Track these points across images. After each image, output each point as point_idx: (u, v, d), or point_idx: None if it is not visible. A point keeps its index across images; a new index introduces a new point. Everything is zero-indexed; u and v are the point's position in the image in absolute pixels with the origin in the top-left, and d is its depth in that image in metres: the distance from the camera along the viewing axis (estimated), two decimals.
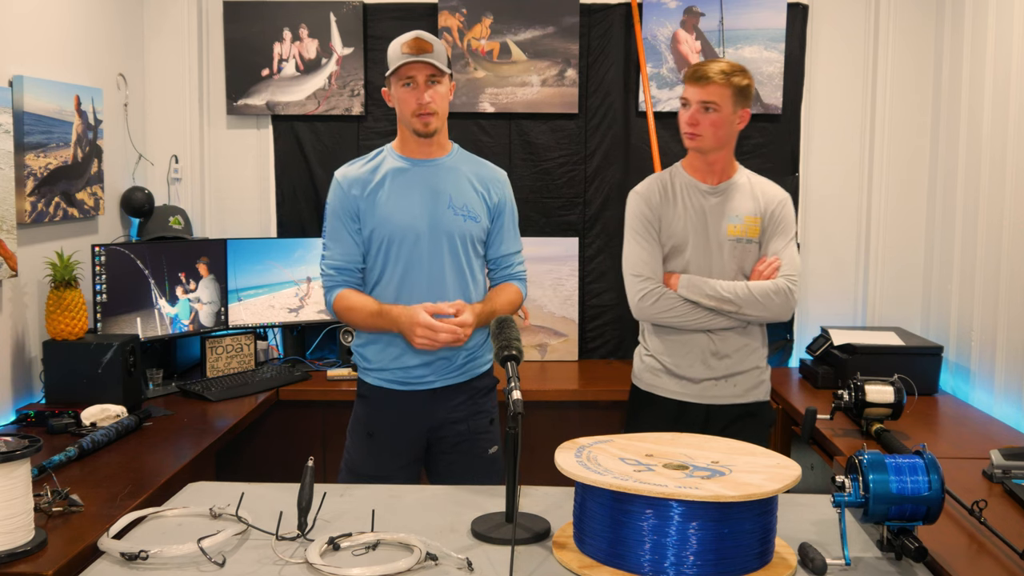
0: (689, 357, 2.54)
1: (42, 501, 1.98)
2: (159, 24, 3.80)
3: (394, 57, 2.33)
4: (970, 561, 1.78)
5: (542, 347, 3.83)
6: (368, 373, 2.45)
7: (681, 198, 2.56)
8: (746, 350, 2.56)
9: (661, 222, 2.56)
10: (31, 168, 2.87)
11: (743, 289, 2.49)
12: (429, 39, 2.32)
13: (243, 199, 3.90)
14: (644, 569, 1.55)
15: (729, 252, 2.53)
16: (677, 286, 2.51)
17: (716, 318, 2.51)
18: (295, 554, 1.67)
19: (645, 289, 2.53)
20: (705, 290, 2.49)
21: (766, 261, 2.54)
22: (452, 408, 2.43)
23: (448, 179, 2.41)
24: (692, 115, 2.49)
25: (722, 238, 2.54)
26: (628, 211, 2.63)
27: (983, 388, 3.16)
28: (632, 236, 2.59)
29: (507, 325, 1.94)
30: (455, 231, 2.38)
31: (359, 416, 2.48)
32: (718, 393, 2.56)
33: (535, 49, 3.76)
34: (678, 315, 2.51)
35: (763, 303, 2.49)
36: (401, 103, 2.35)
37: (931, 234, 3.72)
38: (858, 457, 1.69)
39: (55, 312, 2.87)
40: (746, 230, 2.54)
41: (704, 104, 2.47)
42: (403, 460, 2.43)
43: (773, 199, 2.58)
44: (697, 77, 2.47)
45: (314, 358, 3.81)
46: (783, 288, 2.50)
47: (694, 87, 2.48)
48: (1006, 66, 3.05)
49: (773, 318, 2.54)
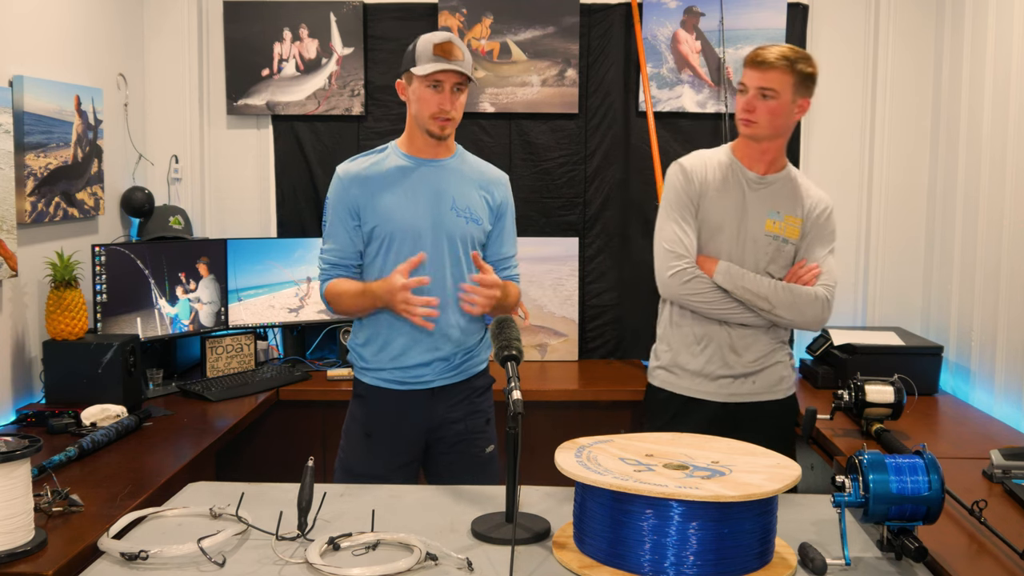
0: (706, 352, 2.47)
1: (42, 501, 1.97)
2: (159, 24, 3.80)
3: (424, 56, 2.28)
4: (970, 561, 1.78)
5: (542, 347, 3.83)
6: (366, 373, 2.44)
7: (725, 182, 2.46)
8: (763, 347, 2.48)
9: (701, 202, 2.45)
10: (31, 168, 2.87)
11: (783, 290, 2.40)
12: (461, 45, 2.31)
13: (243, 199, 3.90)
14: (644, 569, 1.55)
15: (763, 247, 2.44)
16: (714, 272, 2.41)
17: (744, 312, 2.42)
18: (295, 554, 1.67)
19: (678, 267, 2.41)
20: (743, 283, 2.39)
21: (806, 266, 2.45)
22: (450, 407, 2.43)
23: (452, 181, 2.40)
24: (749, 100, 2.38)
25: (758, 232, 2.44)
26: (668, 184, 2.50)
27: (983, 388, 3.16)
28: (669, 212, 2.47)
29: (507, 325, 1.94)
30: (456, 233, 2.37)
31: (356, 416, 2.47)
32: (735, 391, 2.49)
33: (535, 49, 3.76)
34: (707, 300, 2.41)
35: (800, 308, 2.40)
36: (422, 102, 2.32)
37: (931, 234, 3.72)
38: (858, 457, 1.69)
39: (55, 312, 2.87)
40: (784, 228, 2.45)
41: (762, 90, 2.36)
42: (401, 460, 2.42)
43: (819, 203, 2.49)
44: (758, 62, 2.36)
45: (314, 358, 3.81)
46: (822, 296, 2.41)
47: (753, 71, 2.36)
48: (1006, 66, 3.05)
49: (804, 326, 2.46)
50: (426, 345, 2.36)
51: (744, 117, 2.40)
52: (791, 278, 2.45)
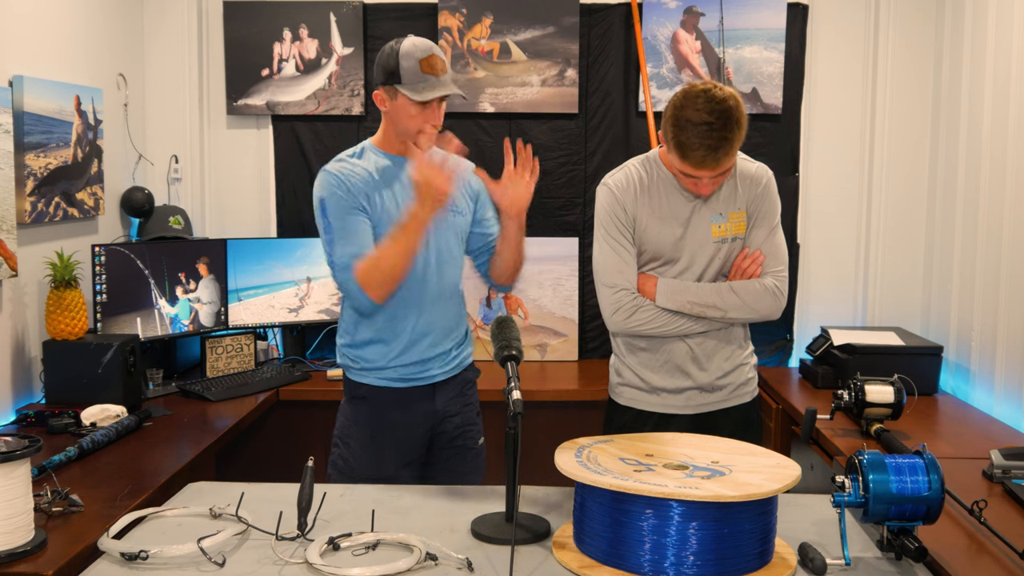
0: (667, 367, 2.34)
1: (42, 501, 1.98)
2: (159, 24, 3.80)
3: (411, 73, 2.24)
4: (970, 561, 1.78)
5: (542, 347, 3.83)
6: (367, 374, 2.41)
7: (659, 197, 2.29)
8: (725, 351, 2.35)
9: (636, 223, 2.30)
10: (31, 168, 2.87)
11: (727, 292, 2.27)
12: (440, 53, 2.28)
13: (243, 199, 3.90)
14: (644, 569, 1.55)
15: (713, 255, 2.30)
16: (655, 294, 2.28)
17: (698, 323, 2.29)
18: (295, 554, 1.67)
19: (620, 302, 2.29)
20: (686, 297, 2.27)
21: (747, 255, 2.31)
22: (448, 401, 2.43)
23: None
24: (706, 185, 2.21)
25: (706, 240, 2.29)
26: (599, 206, 2.34)
27: (983, 388, 3.16)
28: (603, 238, 2.32)
29: (507, 325, 1.93)
30: (450, 228, 2.38)
31: (357, 419, 2.42)
32: (703, 401, 2.36)
33: (535, 49, 3.76)
34: (657, 326, 2.29)
35: (750, 305, 2.27)
36: (407, 119, 2.29)
37: (931, 234, 3.72)
38: (858, 457, 1.69)
39: (55, 312, 2.87)
40: (730, 228, 2.30)
41: (718, 177, 2.20)
42: (407, 458, 2.41)
43: (755, 183, 2.31)
44: (709, 164, 2.13)
45: (314, 358, 3.81)
46: (770, 287, 2.28)
47: (705, 171, 2.15)
48: (1006, 66, 3.05)
49: (762, 319, 2.32)
50: (428, 341, 2.36)
51: (694, 191, 2.25)
52: (736, 274, 2.32)
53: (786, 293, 2.32)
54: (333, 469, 2.42)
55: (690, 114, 2.10)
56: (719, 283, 2.31)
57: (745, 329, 2.42)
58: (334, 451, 2.44)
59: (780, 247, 2.33)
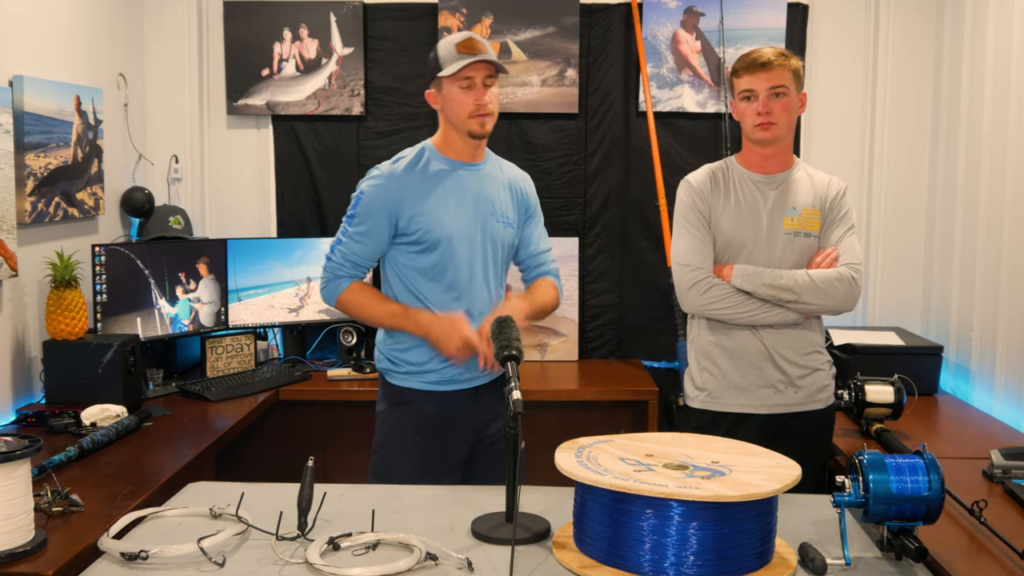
0: (742, 364, 2.39)
1: (42, 501, 1.98)
2: (159, 24, 3.80)
3: (448, 58, 2.25)
4: (970, 561, 1.78)
5: (542, 347, 3.83)
6: (411, 377, 2.38)
7: (735, 191, 2.42)
8: (801, 350, 2.40)
9: (712, 214, 2.41)
10: (31, 168, 2.87)
11: (803, 277, 2.32)
12: (482, 40, 2.29)
13: (243, 199, 3.90)
14: (644, 569, 1.55)
15: (786, 247, 2.38)
16: (731, 276, 2.35)
17: (771, 310, 2.34)
18: (295, 554, 1.67)
19: (695, 279, 2.37)
20: (762, 279, 2.33)
21: (823, 252, 2.39)
22: (490, 405, 2.43)
23: (490, 185, 2.40)
24: (763, 103, 2.33)
25: (778, 233, 2.38)
26: (678, 201, 2.47)
27: (983, 388, 3.16)
28: (682, 226, 2.43)
29: (507, 325, 1.94)
30: (498, 238, 2.39)
31: (400, 424, 2.38)
32: (780, 401, 2.39)
33: (535, 49, 3.76)
34: (729, 306, 2.35)
35: (825, 291, 2.31)
36: (456, 104, 2.28)
37: (931, 234, 3.72)
38: (858, 457, 1.69)
39: (55, 312, 2.87)
40: (804, 223, 2.39)
41: (774, 89, 2.33)
42: (454, 462, 2.39)
43: (831, 187, 2.44)
44: (761, 63, 2.33)
45: (314, 358, 3.81)
46: (846, 276, 2.33)
47: (759, 74, 2.33)
48: (1006, 66, 3.05)
49: (836, 308, 2.35)
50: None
51: (761, 121, 2.35)
52: (811, 268, 2.39)
53: (861, 285, 2.38)
54: (375, 477, 2.40)
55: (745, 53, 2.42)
56: (795, 270, 2.36)
57: (820, 333, 2.47)
58: (375, 458, 2.43)
59: (854, 246, 2.41)
